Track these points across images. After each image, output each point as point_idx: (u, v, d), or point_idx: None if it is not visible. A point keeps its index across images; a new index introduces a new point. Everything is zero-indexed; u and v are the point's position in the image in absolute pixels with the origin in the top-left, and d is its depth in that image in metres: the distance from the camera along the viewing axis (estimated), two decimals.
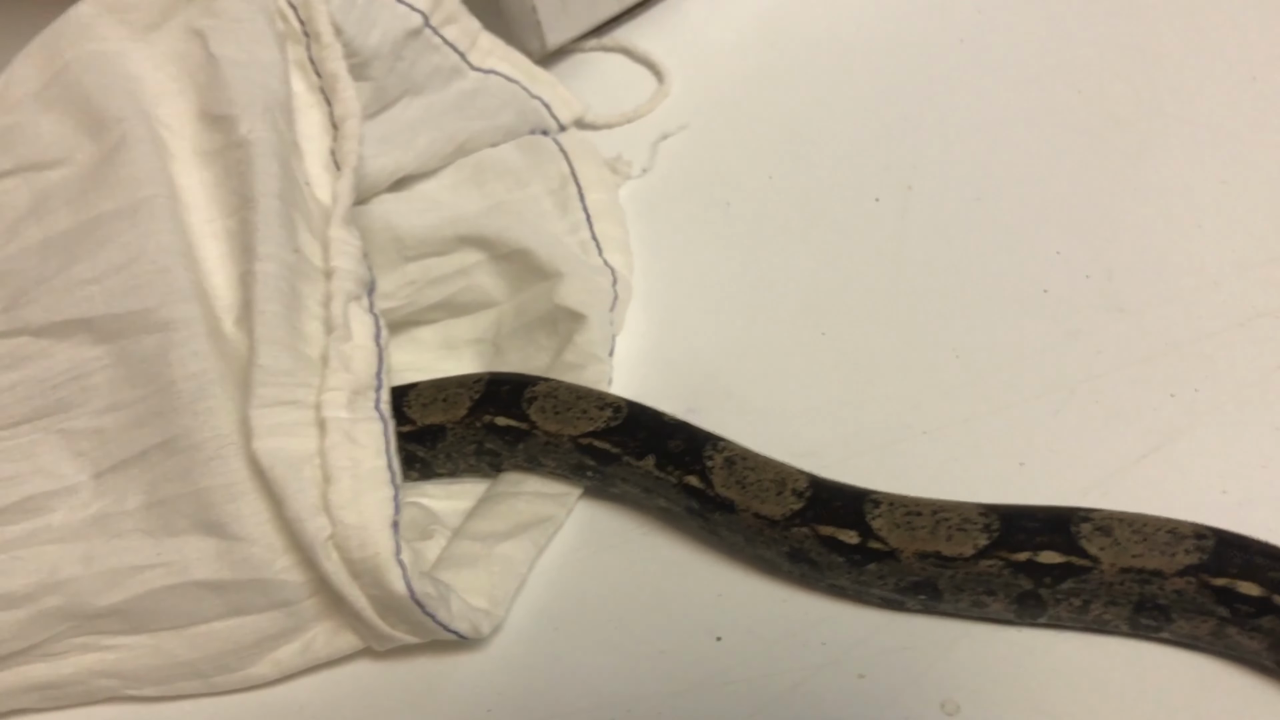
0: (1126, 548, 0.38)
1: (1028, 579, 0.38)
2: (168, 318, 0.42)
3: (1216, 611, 0.37)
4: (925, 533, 0.39)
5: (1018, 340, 0.48)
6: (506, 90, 0.60)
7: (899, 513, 0.40)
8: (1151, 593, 0.38)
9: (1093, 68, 0.59)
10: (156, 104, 0.47)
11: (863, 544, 0.40)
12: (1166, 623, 0.38)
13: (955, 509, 0.40)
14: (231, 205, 0.45)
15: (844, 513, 0.40)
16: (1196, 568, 0.37)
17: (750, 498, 0.41)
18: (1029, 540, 0.38)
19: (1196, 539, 0.38)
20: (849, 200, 0.56)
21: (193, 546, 0.41)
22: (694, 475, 0.43)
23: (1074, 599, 0.39)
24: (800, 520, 0.41)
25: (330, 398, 0.42)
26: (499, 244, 0.52)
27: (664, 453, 0.43)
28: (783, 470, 0.42)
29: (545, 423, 0.45)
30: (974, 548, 0.39)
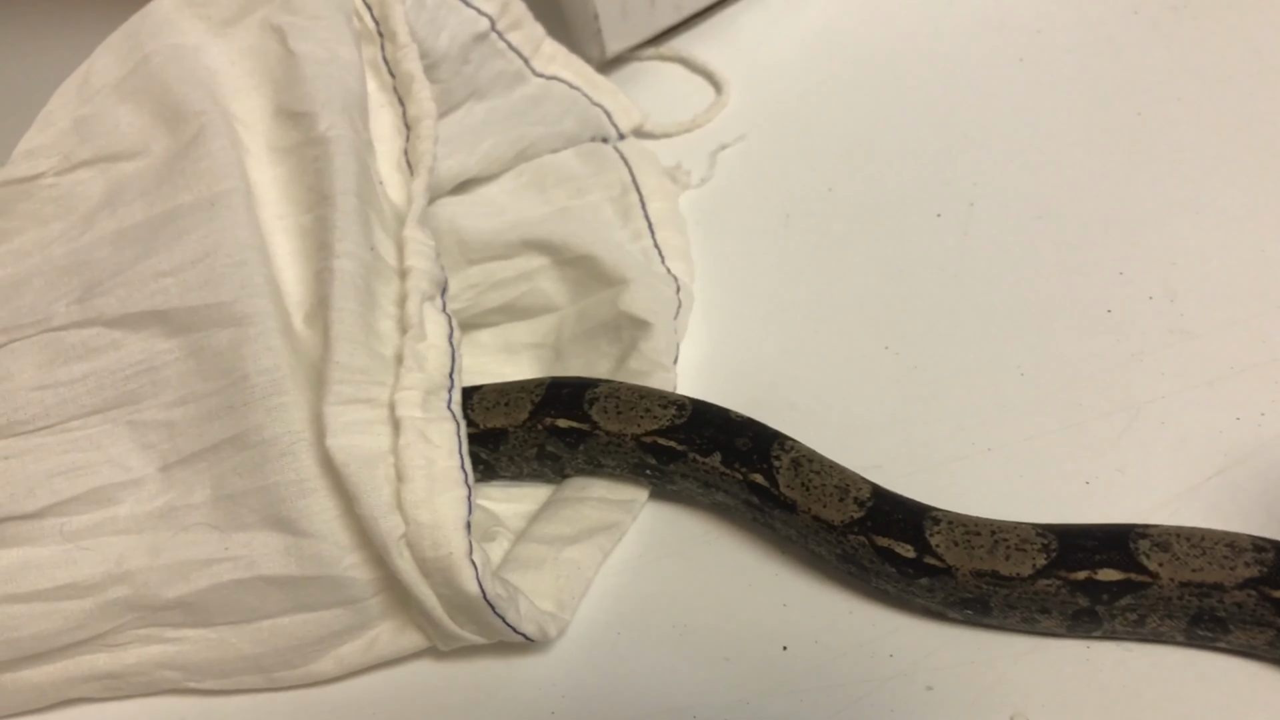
0: (1186, 562, 0.38)
1: (1085, 597, 0.39)
2: (243, 312, 0.42)
3: (1276, 622, 0.38)
4: (983, 552, 0.40)
5: (1081, 360, 0.48)
6: (568, 97, 0.60)
7: (958, 531, 0.40)
8: (1210, 605, 0.38)
9: (1152, 89, 0.59)
10: (232, 99, 0.48)
11: (918, 559, 0.40)
12: (1224, 634, 0.39)
13: (1013, 529, 0.40)
14: (307, 202, 0.45)
15: (903, 526, 0.41)
16: (1257, 580, 0.37)
17: (812, 500, 0.42)
18: (1088, 559, 0.39)
19: (1256, 551, 0.38)
20: (910, 215, 0.56)
21: (260, 541, 0.42)
22: (759, 473, 0.43)
23: (1130, 614, 0.39)
24: (859, 529, 0.41)
25: (404, 396, 0.42)
26: (564, 249, 0.52)
27: (731, 450, 0.44)
28: (847, 477, 0.43)
29: (607, 423, 0.45)
30: (1032, 567, 0.39)
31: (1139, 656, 0.40)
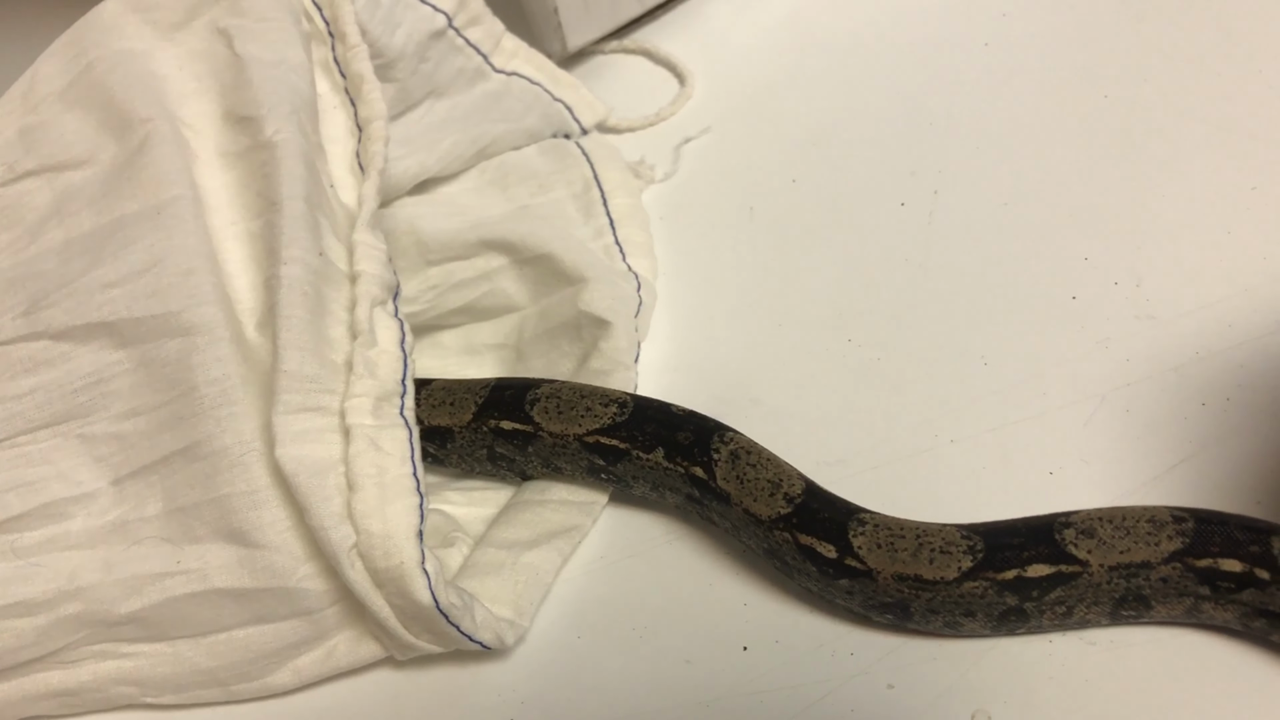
0: (1113, 545, 0.38)
1: (1014, 595, 0.38)
2: (191, 322, 0.42)
3: (1198, 591, 0.37)
4: (907, 555, 0.39)
5: (1046, 348, 0.48)
6: (530, 93, 0.60)
7: (883, 534, 0.40)
8: (1137, 585, 0.38)
9: (1120, 72, 0.58)
10: (180, 104, 0.47)
11: (839, 559, 0.39)
12: (1146, 610, 0.39)
13: (939, 532, 0.39)
14: (256, 208, 0.45)
15: (828, 525, 0.40)
16: (1181, 552, 0.37)
17: (745, 494, 0.41)
18: (1015, 556, 0.38)
19: (1176, 523, 0.38)
20: (874, 205, 0.55)
21: (213, 554, 0.41)
22: (699, 466, 0.42)
23: (1059, 606, 0.38)
24: (784, 525, 0.40)
25: (355, 404, 0.41)
26: (523, 248, 0.52)
27: (673, 444, 0.43)
28: (783, 471, 0.42)
29: (549, 423, 0.45)
30: (958, 570, 0.38)
31: (1102, 650, 0.39)
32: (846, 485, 0.45)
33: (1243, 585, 0.37)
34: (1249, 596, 0.37)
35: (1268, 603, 0.37)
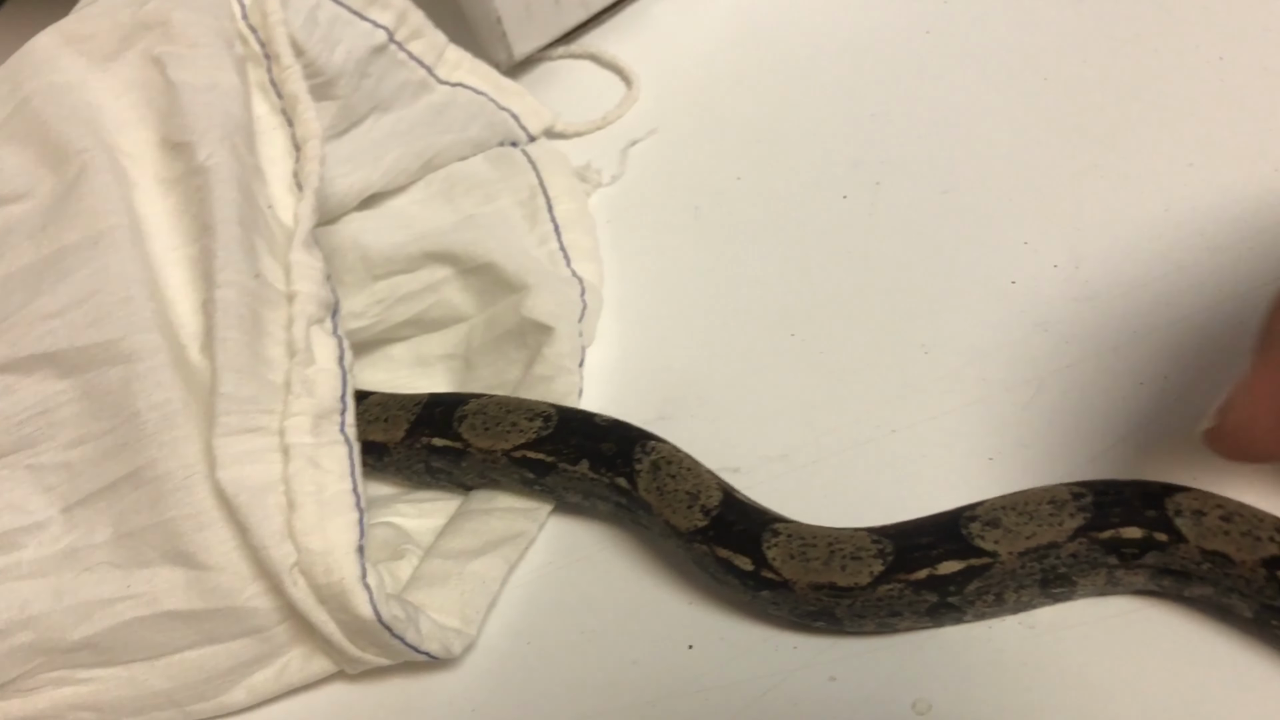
0: (1018, 531, 0.38)
1: (932, 593, 0.38)
2: (131, 349, 0.42)
3: (1107, 561, 0.38)
4: (819, 564, 0.39)
5: (985, 334, 0.48)
6: (475, 103, 0.60)
7: (795, 544, 0.40)
8: (1052, 564, 0.38)
9: (1060, 52, 0.58)
10: (118, 133, 0.47)
11: (756, 572, 0.40)
12: (1072, 587, 0.39)
13: (850, 538, 0.40)
14: (193, 233, 0.45)
15: (743, 537, 0.40)
16: (1084, 528, 0.38)
17: (665, 505, 0.42)
18: (925, 556, 0.38)
19: (1075, 499, 0.38)
20: (818, 199, 0.56)
21: (162, 577, 0.41)
22: (623, 477, 0.43)
23: (986, 595, 0.39)
24: (702, 538, 0.41)
25: (294, 423, 0.42)
26: (465, 258, 0.52)
27: (597, 455, 0.44)
28: (701, 482, 0.42)
29: (477, 440, 0.45)
30: (870, 575, 0.38)
31: (1041, 633, 0.40)
32: (789, 480, 0.46)
33: (1145, 549, 0.37)
34: (1153, 559, 0.37)
35: (1170, 562, 0.37)
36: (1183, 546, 0.37)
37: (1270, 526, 0.36)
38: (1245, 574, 0.36)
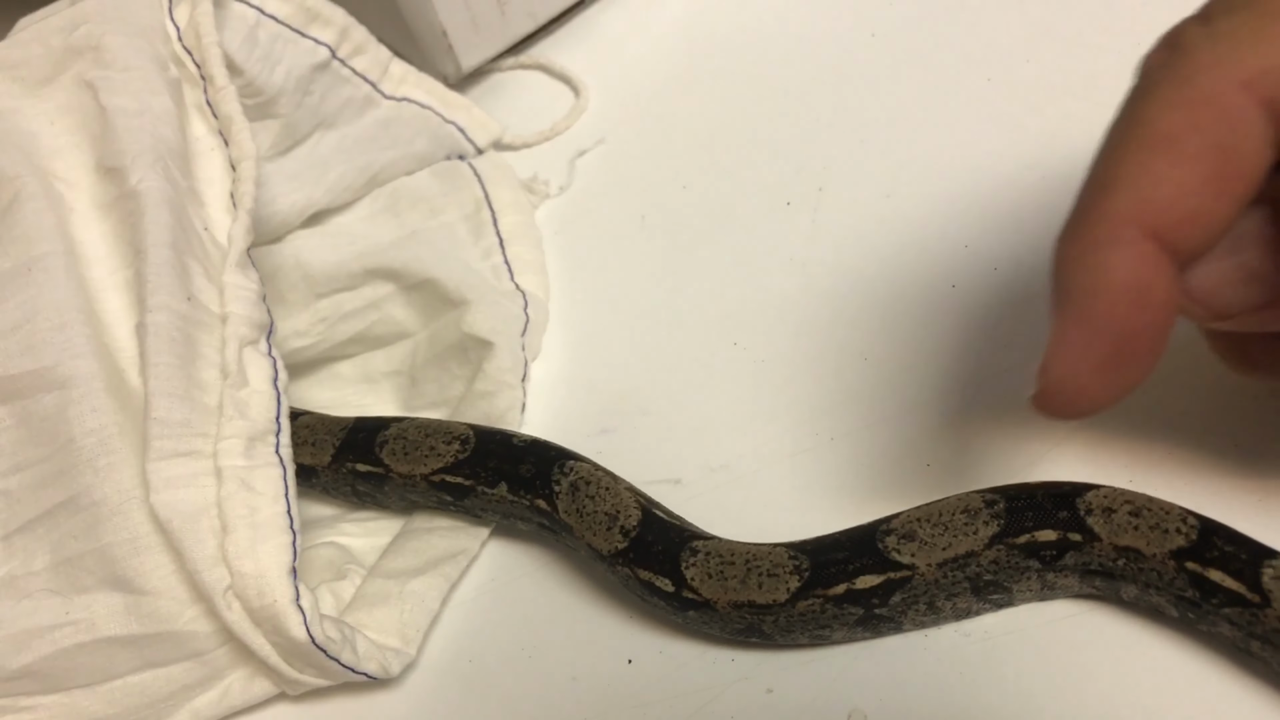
0: (934, 543, 0.38)
1: (855, 606, 0.38)
2: (65, 375, 0.42)
3: (1029, 565, 0.38)
4: (736, 582, 0.39)
5: (925, 339, 0.48)
6: (420, 117, 0.60)
7: (713, 562, 0.39)
8: (975, 573, 0.38)
9: (1002, 53, 0.58)
10: (53, 159, 0.47)
11: (678, 592, 0.40)
12: (1007, 593, 0.39)
13: (767, 554, 0.39)
14: (127, 257, 0.45)
15: (662, 558, 0.40)
16: (1000, 535, 0.38)
17: (585, 527, 0.42)
18: (841, 571, 0.38)
19: (988, 507, 0.38)
20: (761, 206, 0.56)
21: (101, 603, 0.41)
22: (543, 499, 0.43)
23: (915, 605, 0.39)
24: (623, 561, 0.41)
25: (226, 446, 0.42)
26: (406, 274, 0.52)
27: (515, 478, 0.43)
28: (620, 502, 0.42)
29: (397, 465, 0.45)
30: (787, 592, 0.38)
31: (976, 641, 0.40)
32: (731, 490, 0.46)
33: (1063, 550, 0.38)
34: (1072, 560, 0.38)
35: (1089, 561, 0.38)
36: (1097, 545, 0.37)
37: (1177, 517, 0.37)
38: (1157, 567, 0.36)
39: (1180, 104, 0.29)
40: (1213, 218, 0.29)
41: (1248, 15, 0.29)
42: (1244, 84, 0.28)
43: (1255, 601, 0.35)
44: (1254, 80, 0.28)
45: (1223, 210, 0.29)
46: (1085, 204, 0.31)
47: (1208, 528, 0.36)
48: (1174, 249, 0.30)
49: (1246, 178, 0.29)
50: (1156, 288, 0.29)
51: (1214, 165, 0.29)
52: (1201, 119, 0.29)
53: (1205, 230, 0.29)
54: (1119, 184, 0.30)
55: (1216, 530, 0.36)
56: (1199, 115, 0.29)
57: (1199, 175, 0.29)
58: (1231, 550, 0.36)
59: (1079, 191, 0.32)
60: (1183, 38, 0.30)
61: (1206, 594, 0.36)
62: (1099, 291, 0.30)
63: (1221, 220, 0.30)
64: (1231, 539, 0.36)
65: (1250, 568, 0.35)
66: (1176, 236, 0.29)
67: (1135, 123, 0.30)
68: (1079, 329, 0.30)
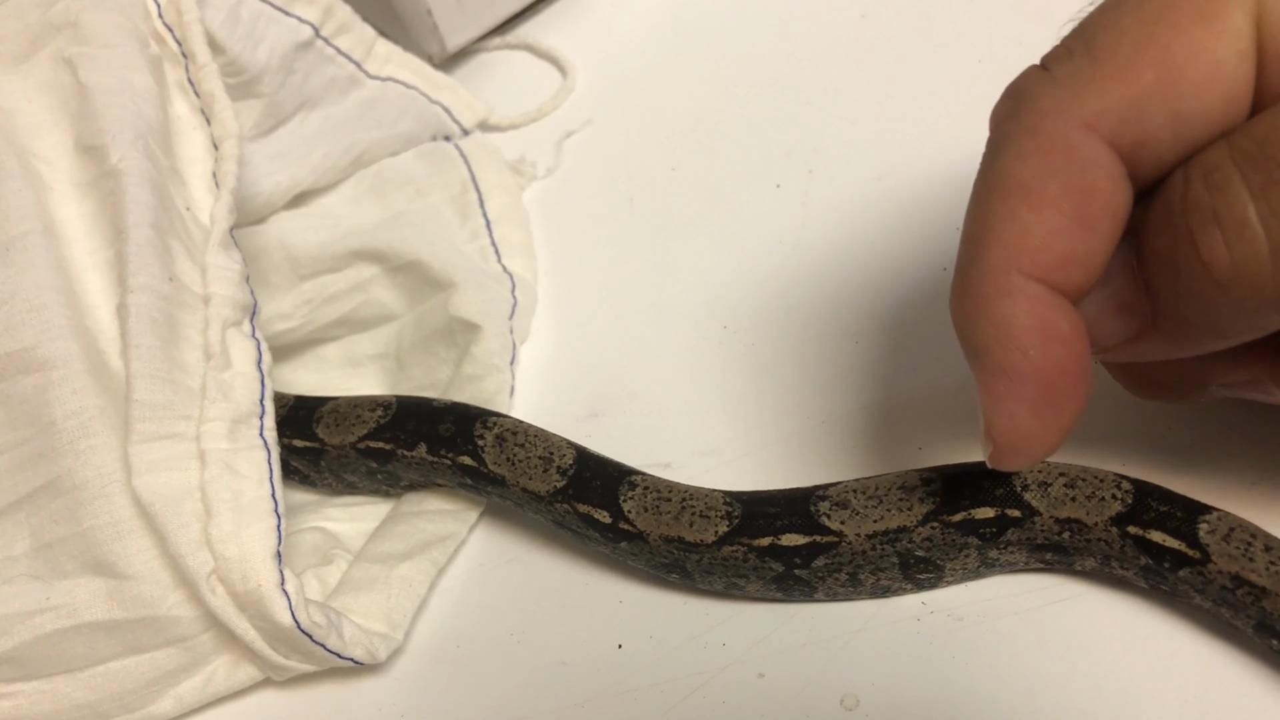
0: (866, 515, 0.38)
1: (776, 561, 0.39)
2: (45, 356, 0.41)
3: (970, 542, 0.38)
4: (670, 518, 0.40)
5: (916, 322, 0.48)
6: (405, 97, 0.59)
7: (650, 497, 0.41)
8: (907, 548, 0.38)
9: (993, 34, 0.58)
10: (32, 136, 0.46)
11: (614, 524, 0.41)
12: (938, 571, 0.39)
13: (704, 496, 0.41)
14: (109, 237, 0.44)
15: (601, 492, 0.41)
16: (935, 512, 0.38)
17: (519, 474, 0.42)
18: (770, 525, 0.39)
19: (925, 485, 0.39)
20: (751, 188, 0.55)
21: (82, 588, 0.41)
22: (467, 455, 0.43)
23: (837, 573, 0.39)
24: (563, 497, 0.42)
25: (210, 428, 0.41)
26: (392, 256, 0.52)
27: (435, 437, 0.44)
28: (551, 445, 0.43)
29: (330, 437, 0.45)
30: (715, 534, 0.39)
31: (969, 625, 0.39)
32: (721, 473, 0.45)
33: (1003, 527, 0.38)
34: (1014, 536, 0.38)
35: (1034, 536, 0.38)
36: (1037, 519, 0.38)
37: (1111, 484, 0.38)
38: (1101, 535, 0.37)
39: (1031, 152, 0.30)
40: (1087, 255, 0.30)
41: (1085, 60, 0.30)
42: (1087, 125, 0.29)
43: (1196, 558, 0.35)
44: (1095, 121, 0.29)
45: (1094, 246, 0.30)
46: (964, 262, 0.32)
47: (1142, 490, 0.37)
48: (1059, 289, 0.30)
49: (1110, 213, 0.30)
50: (1060, 320, 0.30)
51: (1075, 205, 0.29)
52: (1053, 163, 0.30)
53: (1083, 268, 0.30)
54: (990, 238, 0.30)
55: (1150, 491, 0.37)
56: (1050, 160, 0.30)
57: (1063, 217, 0.30)
58: (1167, 509, 0.37)
59: (958, 251, 0.32)
60: (1025, 87, 0.31)
61: (1157, 559, 0.36)
62: (1006, 343, 0.30)
63: (1096, 256, 0.30)
64: (1166, 498, 0.37)
65: (1187, 524, 0.36)
66: (1058, 278, 0.30)
67: (994, 175, 0.31)
68: (1002, 383, 0.30)
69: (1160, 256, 0.30)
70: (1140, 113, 0.29)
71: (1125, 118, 0.29)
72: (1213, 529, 0.36)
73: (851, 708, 0.38)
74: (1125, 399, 0.40)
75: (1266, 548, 0.35)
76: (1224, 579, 0.35)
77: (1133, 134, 0.29)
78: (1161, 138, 0.29)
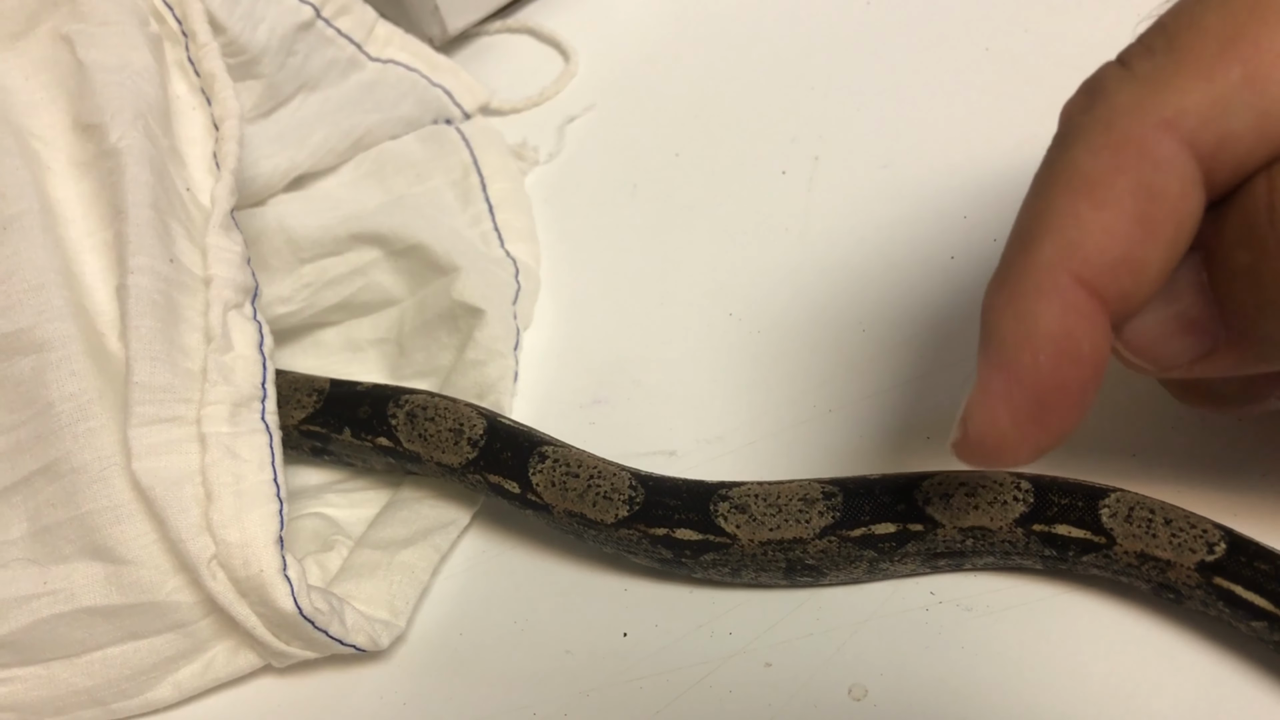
0: (763, 522, 0.39)
1: (667, 550, 0.40)
2: (43, 338, 0.41)
3: (865, 555, 0.39)
4: (575, 494, 0.41)
5: (924, 311, 0.47)
6: (406, 80, 0.58)
7: (559, 471, 0.41)
8: (797, 556, 0.39)
9: (1000, 22, 0.58)
10: (29, 115, 0.46)
11: (523, 494, 0.41)
12: (820, 577, 0.40)
13: (613, 475, 0.41)
14: (108, 217, 0.44)
15: (511, 463, 0.42)
16: (834, 526, 0.38)
17: (432, 448, 0.43)
18: (668, 516, 0.40)
19: (826, 499, 0.39)
20: (755, 175, 0.55)
21: (80, 573, 0.40)
22: (383, 436, 0.44)
23: (721, 566, 0.40)
24: (475, 468, 0.42)
25: (210, 412, 0.41)
26: (394, 240, 0.51)
27: (355, 420, 0.45)
28: (461, 416, 0.44)
29: None
30: (615, 517, 0.40)
31: (978, 616, 0.39)
32: (726, 462, 0.45)
33: (903, 541, 0.39)
34: (914, 548, 0.39)
35: (935, 546, 0.39)
36: (940, 531, 0.38)
37: (1011, 486, 0.38)
38: (1007, 538, 0.37)
39: (1103, 147, 0.29)
40: (1145, 263, 0.29)
41: (1166, 59, 0.28)
42: (1165, 125, 0.28)
43: (1102, 543, 0.37)
44: (1174, 121, 0.28)
45: (1155, 255, 0.29)
46: (1013, 253, 0.30)
47: (1041, 486, 0.38)
48: (1107, 298, 0.29)
49: (1177, 220, 0.28)
50: (1084, 340, 0.29)
51: (1141, 208, 0.28)
52: (1124, 161, 0.28)
53: (1138, 277, 0.29)
54: (1046, 232, 0.29)
55: (1050, 486, 0.38)
56: (1122, 158, 0.28)
57: (1126, 219, 0.28)
58: (1068, 501, 0.38)
59: (1008, 241, 0.31)
60: (1102, 83, 0.30)
61: (1062, 549, 0.37)
62: (1024, 342, 0.29)
63: (1156, 266, 0.29)
64: (1065, 490, 0.38)
65: (1089, 512, 0.37)
66: (1108, 284, 0.29)
67: (1059, 169, 0.30)
68: (1002, 379, 0.29)
69: (1241, 270, 0.29)
70: (1224, 111, 0.27)
71: (1207, 117, 0.28)
72: (1114, 512, 0.37)
73: (859, 698, 0.38)
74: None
75: (1166, 520, 0.37)
76: (1130, 558, 0.37)
77: (1214, 134, 0.28)
78: (1245, 139, 0.28)
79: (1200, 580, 0.36)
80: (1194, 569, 0.36)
